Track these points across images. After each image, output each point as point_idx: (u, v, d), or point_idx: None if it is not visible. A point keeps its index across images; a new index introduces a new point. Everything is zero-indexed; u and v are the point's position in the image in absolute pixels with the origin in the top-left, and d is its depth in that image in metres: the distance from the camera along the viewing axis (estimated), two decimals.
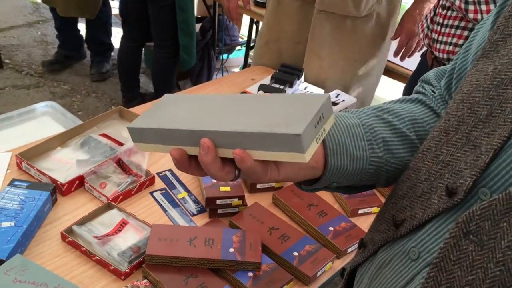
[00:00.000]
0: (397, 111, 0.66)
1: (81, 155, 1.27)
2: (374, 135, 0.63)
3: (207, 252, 0.99)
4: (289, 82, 1.61)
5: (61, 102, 3.09)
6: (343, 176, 0.63)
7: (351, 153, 0.61)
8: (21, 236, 0.98)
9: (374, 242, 0.63)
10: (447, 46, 1.39)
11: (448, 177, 0.54)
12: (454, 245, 0.49)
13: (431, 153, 0.58)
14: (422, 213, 0.56)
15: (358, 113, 0.65)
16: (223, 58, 3.33)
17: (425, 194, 0.56)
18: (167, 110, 0.58)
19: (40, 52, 3.72)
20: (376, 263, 0.62)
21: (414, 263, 0.56)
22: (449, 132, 0.56)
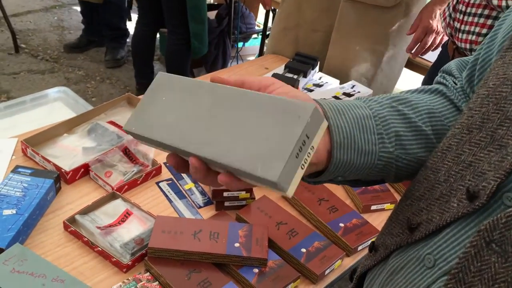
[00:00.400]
0: (413, 102, 0.61)
1: (87, 142, 1.24)
2: (386, 128, 0.58)
3: (212, 246, 0.96)
4: (303, 71, 1.56)
5: (75, 88, 3.08)
6: (348, 170, 0.58)
7: (359, 147, 0.57)
8: (22, 224, 0.96)
9: (386, 246, 0.59)
10: (469, 36, 1.32)
11: (469, 179, 0.49)
12: (475, 255, 0.45)
13: (452, 152, 0.53)
14: (439, 217, 0.51)
15: (371, 102, 0.60)
16: (239, 46, 3.28)
17: (444, 197, 0.52)
18: (158, 107, 0.55)
19: (56, 37, 3.71)
20: (387, 268, 0.58)
21: (429, 271, 0.51)
22: (472, 130, 0.51)
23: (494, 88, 0.51)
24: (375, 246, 0.62)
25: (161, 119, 0.53)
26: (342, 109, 0.56)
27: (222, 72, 1.74)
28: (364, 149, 0.57)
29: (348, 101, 0.59)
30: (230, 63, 3.17)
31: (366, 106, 0.58)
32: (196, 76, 3.09)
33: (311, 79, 1.63)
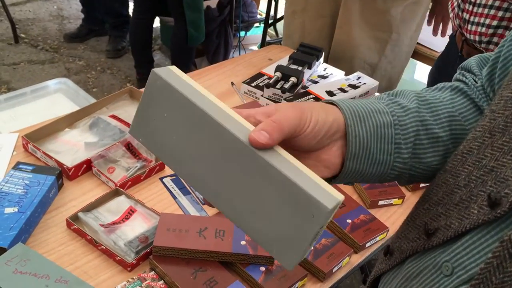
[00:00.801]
0: (434, 105, 0.58)
1: (89, 137, 1.22)
2: (405, 137, 0.56)
3: (218, 244, 0.94)
4: (307, 63, 1.53)
5: (76, 78, 3.05)
6: (359, 178, 0.56)
7: (374, 157, 0.54)
8: (24, 223, 0.94)
9: (402, 250, 0.57)
10: (479, 28, 1.29)
11: (491, 185, 0.47)
12: (498, 266, 0.43)
13: (473, 156, 0.51)
14: (458, 223, 0.49)
15: (395, 107, 0.57)
16: (241, 35, 3.25)
17: (464, 202, 0.50)
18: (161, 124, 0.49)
19: (55, 26, 3.67)
20: (403, 274, 0.56)
21: (446, 279, 0.49)
22: (494, 134, 0.49)
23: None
24: (390, 250, 0.60)
25: (167, 142, 0.49)
26: (364, 115, 0.54)
27: (225, 64, 1.71)
28: (378, 159, 0.54)
29: (371, 102, 0.56)
30: (232, 52, 3.14)
31: (389, 111, 0.56)
32: (198, 66, 3.06)
33: (315, 71, 1.60)
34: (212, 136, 0.46)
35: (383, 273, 0.61)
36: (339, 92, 1.43)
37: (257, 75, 1.55)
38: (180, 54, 2.84)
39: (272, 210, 0.46)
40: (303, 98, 1.38)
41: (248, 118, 0.49)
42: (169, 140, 0.48)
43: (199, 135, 0.47)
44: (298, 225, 0.45)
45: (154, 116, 0.49)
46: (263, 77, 1.53)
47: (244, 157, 0.46)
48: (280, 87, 1.41)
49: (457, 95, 0.60)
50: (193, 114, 0.47)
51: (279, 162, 0.46)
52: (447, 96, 0.60)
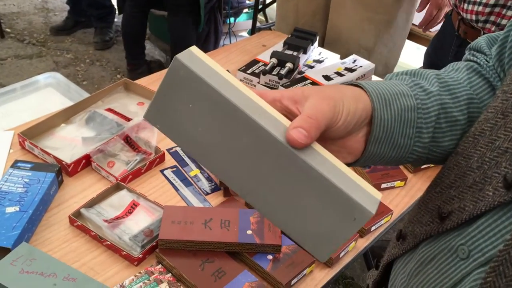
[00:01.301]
0: (453, 87, 0.58)
1: (86, 132, 1.20)
2: (427, 121, 0.55)
3: (224, 235, 0.94)
4: (302, 48, 1.51)
5: (65, 71, 3.01)
6: (378, 161, 0.56)
7: (395, 141, 0.54)
8: (26, 222, 0.92)
9: (415, 234, 0.56)
10: (475, 6, 1.28)
11: (506, 166, 0.47)
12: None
13: (485, 137, 0.50)
14: (473, 206, 0.49)
15: (417, 90, 0.56)
16: (230, 22, 3.21)
17: (477, 184, 0.49)
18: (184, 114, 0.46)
19: (41, 19, 3.61)
20: (417, 258, 0.56)
21: (463, 262, 0.49)
22: (507, 114, 0.49)
23: None
24: (402, 235, 0.60)
25: (192, 132, 0.46)
26: (389, 98, 0.53)
27: (218, 52, 1.69)
28: (399, 143, 0.54)
29: (395, 84, 0.55)
30: (223, 40, 3.11)
31: (413, 94, 0.55)
32: None
33: (310, 55, 1.59)
34: (245, 131, 0.44)
35: (396, 258, 0.61)
36: (336, 76, 1.42)
37: (252, 62, 1.53)
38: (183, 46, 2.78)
39: (310, 209, 0.45)
40: (300, 84, 1.37)
41: (274, 103, 0.48)
42: (194, 131, 0.46)
43: (230, 129, 0.45)
44: (338, 226, 0.45)
45: (176, 105, 0.46)
46: (258, 63, 1.52)
47: (280, 155, 0.44)
48: (277, 73, 1.39)
49: (473, 74, 0.60)
50: (224, 107, 0.44)
51: (318, 162, 0.45)
52: (464, 77, 0.59)
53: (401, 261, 0.60)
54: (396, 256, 0.60)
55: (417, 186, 1.18)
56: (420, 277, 0.54)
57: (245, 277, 0.89)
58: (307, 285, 0.93)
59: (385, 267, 0.64)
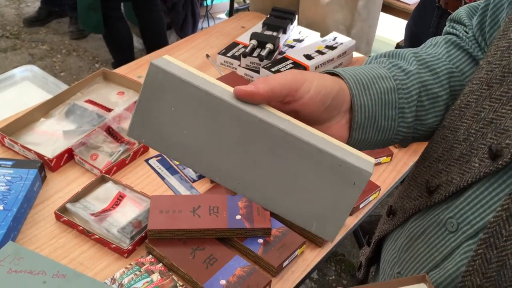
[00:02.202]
0: (432, 63, 0.57)
1: (67, 125, 1.18)
2: (409, 100, 0.55)
3: (213, 221, 0.93)
4: (282, 27, 1.50)
5: (41, 64, 2.95)
6: (364, 145, 0.56)
7: (379, 125, 0.54)
8: (11, 220, 0.91)
9: (404, 210, 0.57)
10: None
11: (491, 137, 0.47)
12: (507, 219, 0.43)
13: (471, 109, 0.50)
14: (460, 178, 0.49)
15: (396, 70, 0.56)
16: (207, 4, 3.16)
17: (464, 157, 0.49)
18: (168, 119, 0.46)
19: (13, 11, 3.52)
20: (406, 233, 0.56)
21: (452, 235, 0.49)
22: (492, 85, 0.48)
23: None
24: (392, 210, 0.60)
25: (178, 137, 0.46)
26: (367, 82, 0.53)
27: (197, 36, 1.66)
28: (383, 125, 0.54)
29: (372, 67, 0.55)
30: (201, 23, 3.06)
31: (391, 76, 0.54)
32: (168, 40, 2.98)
33: (290, 35, 1.57)
34: (231, 121, 0.44)
35: (387, 234, 0.61)
36: (317, 54, 1.41)
37: (231, 44, 1.51)
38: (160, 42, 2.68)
39: (308, 186, 0.45)
40: (281, 64, 1.36)
41: None
42: (179, 135, 0.46)
43: (214, 124, 0.45)
44: (339, 195, 0.45)
45: (158, 112, 0.46)
46: (238, 46, 1.50)
47: (269, 137, 0.44)
48: (257, 55, 1.38)
49: (451, 47, 0.59)
50: (206, 102, 0.44)
51: (308, 135, 0.44)
52: (443, 51, 0.59)
53: (391, 236, 0.60)
54: (387, 232, 0.61)
55: (403, 161, 1.19)
56: (410, 252, 0.54)
57: (237, 262, 0.89)
58: (299, 266, 0.93)
59: (376, 243, 0.64)
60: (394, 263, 0.57)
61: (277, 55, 1.45)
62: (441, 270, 0.49)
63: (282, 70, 1.33)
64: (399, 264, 0.56)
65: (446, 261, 0.50)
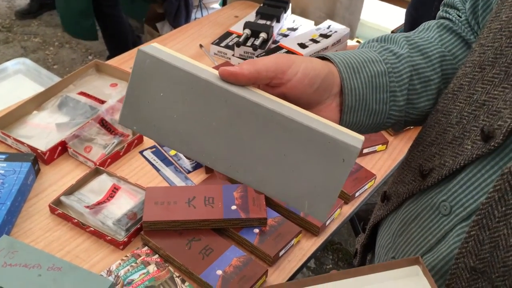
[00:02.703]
0: (424, 47, 0.57)
1: (60, 117, 1.17)
2: (400, 83, 0.54)
3: (208, 212, 0.93)
4: (276, 16, 1.49)
5: (34, 56, 2.92)
6: (358, 129, 0.56)
7: (370, 108, 0.53)
8: (5, 214, 0.90)
9: (398, 194, 0.57)
10: None
11: (483, 119, 0.46)
12: (499, 200, 0.43)
13: (463, 92, 0.50)
14: (452, 161, 0.49)
15: (387, 54, 0.56)
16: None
17: (457, 140, 0.49)
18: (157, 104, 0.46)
19: (4, 4, 3.48)
20: (400, 218, 0.56)
21: (445, 218, 0.49)
22: (484, 67, 0.48)
23: (507, 21, 0.47)
24: (387, 196, 0.60)
25: (169, 123, 0.46)
26: (357, 66, 0.52)
27: (189, 27, 1.64)
28: (375, 109, 0.54)
29: (363, 51, 0.55)
30: (195, 13, 3.04)
31: (382, 59, 0.54)
32: (160, 32, 2.96)
33: (284, 23, 1.56)
34: (217, 103, 0.44)
35: (381, 220, 0.61)
36: (311, 43, 1.40)
37: (225, 34, 1.50)
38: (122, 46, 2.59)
39: (298, 165, 0.45)
40: (275, 53, 1.35)
41: None
42: (170, 120, 0.46)
43: (202, 107, 0.45)
44: (329, 173, 0.44)
45: (148, 98, 0.46)
46: (231, 36, 1.49)
47: (257, 117, 0.44)
48: (251, 44, 1.37)
49: (444, 31, 0.59)
50: (194, 85, 0.44)
51: (296, 114, 0.44)
52: (435, 35, 0.59)
53: (386, 222, 0.60)
54: (382, 218, 0.61)
55: (399, 148, 1.19)
56: (404, 236, 0.55)
57: (233, 253, 0.89)
58: (295, 255, 0.93)
59: (371, 230, 0.64)
60: (389, 248, 0.57)
61: (271, 44, 1.44)
62: (435, 253, 0.49)
63: None
64: (394, 249, 0.56)
65: (439, 244, 0.50)
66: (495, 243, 0.43)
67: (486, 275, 0.44)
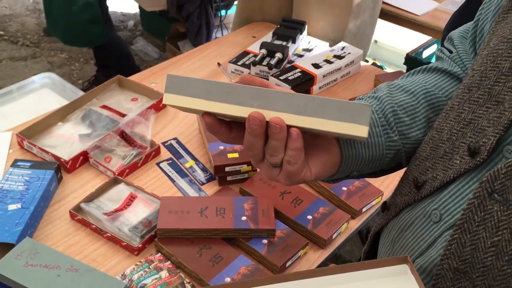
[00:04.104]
0: (406, 86, 0.64)
1: (82, 129, 1.23)
2: (388, 119, 0.61)
3: (219, 222, 0.97)
4: (291, 37, 1.54)
5: (59, 71, 3.03)
6: (361, 164, 0.60)
7: (367, 140, 0.58)
8: (29, 218, 0.96)
9: (396, 205, 0.61)
10: None
11: (470, 136, 0.51)
12: (478, 206, 0.47)
13: (454, 111, 0.55)
14: (443, 174, 0.53)
15: (371, 101, 0.63)
16: (221, 14, 3.23)
17: (447, 155, 0.54)
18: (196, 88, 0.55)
19: (33, 21, 3.62)
20: (398, 226, 0.60)
21: (435, 225, 0.54)
22: (471, 89, 0.53)
23: (493, 47, 0.52)
24: (387, 206, 0.65)
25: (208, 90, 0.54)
26: None
27: (209, 46, 1.71)
28: (370, 141, 0.59)
29: None
30: (215, 33, 3.12)
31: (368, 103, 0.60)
32: (182, 50, 3.05)
33: (300, 44, 1.62)
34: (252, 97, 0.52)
35: (382, 228, 0.65)
36: (325, 63, 1.45)
37: (242, 53, 1.56)
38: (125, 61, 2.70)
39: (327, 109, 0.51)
40: (290, 73, 1.40)
41: None
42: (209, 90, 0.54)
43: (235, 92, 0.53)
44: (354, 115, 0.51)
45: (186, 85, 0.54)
46: (248, 55, 1.54)
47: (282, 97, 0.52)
48: (267, 64, 1.42)
49: (429, 73, 0.65)
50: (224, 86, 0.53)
51: None
52: (420, 77, 0.65)
53: (386, 230, 0.64)
54: (382, 226, 0.65)
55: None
56: (401, 242, 0.59)
57: (242, 262, 0.92)
58: (302, 266, 0.96)
59: (373, 237, 0.68)
60: (388, 254, 0.61)
61: (286, 64, 1.49)
62: (425, 257, 0.53)
63: (291, 78, 1.37)
64: (392, 254, 0.60)
65: (430, 248, 0.54)
66: (475, 246, 0.47)
67: (468, 275, 0.47)
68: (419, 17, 2.00)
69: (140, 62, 3.20)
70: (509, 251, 0.44)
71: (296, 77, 1.38)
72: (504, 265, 0.45)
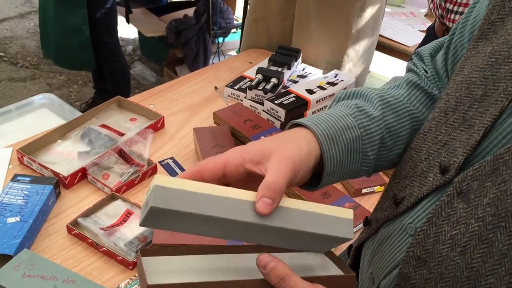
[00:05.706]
0: (395, 106, 0.66)
1: (81, 147, 1.26)
2: (372, 144, 0.63)
3: (213, 238, 0.99)
4: (287, 64, 1.60)
5: (58, 93, 3.08)
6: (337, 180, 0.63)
7: (344, 169, 0.62)
8: (27, 231, 0.98)
9: (377, 219, 0.65)
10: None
11: (444, 156, 0.56)
12: (447, 203, 0.52)
13: (432, 133, 0.59)
14: (418, 191, 0.58)
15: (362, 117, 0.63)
16: (219, 41, 3.31)
17: (424, 173, 0.58)
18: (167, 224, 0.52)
19: (34, 43, 3.69)
20: (377, 239, 0.64)
21: (411, 238, 0.57)
22: (447, 113, 0.58)
23: (467, 75, 0.57)
24: (368, 221, 0.68)
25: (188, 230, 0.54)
26: (336, 135, 0.59)
27: (206, 70, 1.76)
28: (348, 168, 0.62)
29: (339, 116, 0.62)
30: (212, 59, 3.19)
31: (356, 125, 0.62)
32: (179, 74, 3.11)
33: (295, 71, 1.67)
34: (226, 226, 0.51)
35: (364, 242, 0.69)
36: (318, 89, 1.50)
37: (239, 78, 1.61)
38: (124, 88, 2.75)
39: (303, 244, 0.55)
40: (284, 97, 1.45)
41: (237, 168, 0.53)
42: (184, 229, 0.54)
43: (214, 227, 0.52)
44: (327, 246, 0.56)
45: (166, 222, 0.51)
46: (245, 80, 1.59)
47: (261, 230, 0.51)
48: (262, 88, 1.47)
49: (411, 89, 0.69)
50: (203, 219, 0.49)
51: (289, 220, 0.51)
52: (404, 93, 0.69)
53: (367, 244, 0.68)
54: (363, 240, 0.68)
55: None
56: (380, 254, 0.62)
57: None
58: None
59: (355, 251, 0.72)
60: (369, 266, 0.64)
61: (281, 89, 1.54)
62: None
63: (285, 103, 1.42)
64: (372, 265, 0.63)
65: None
66: (437, 237, 0.52)
67: (427, 264, 0.52)
68: (410, 48, 2.07)
69: (138, 86, 3.25)
70: (462, 243, 0.49)
71: (290, 102, 1.43)
72: (455, 256, 0.49)
